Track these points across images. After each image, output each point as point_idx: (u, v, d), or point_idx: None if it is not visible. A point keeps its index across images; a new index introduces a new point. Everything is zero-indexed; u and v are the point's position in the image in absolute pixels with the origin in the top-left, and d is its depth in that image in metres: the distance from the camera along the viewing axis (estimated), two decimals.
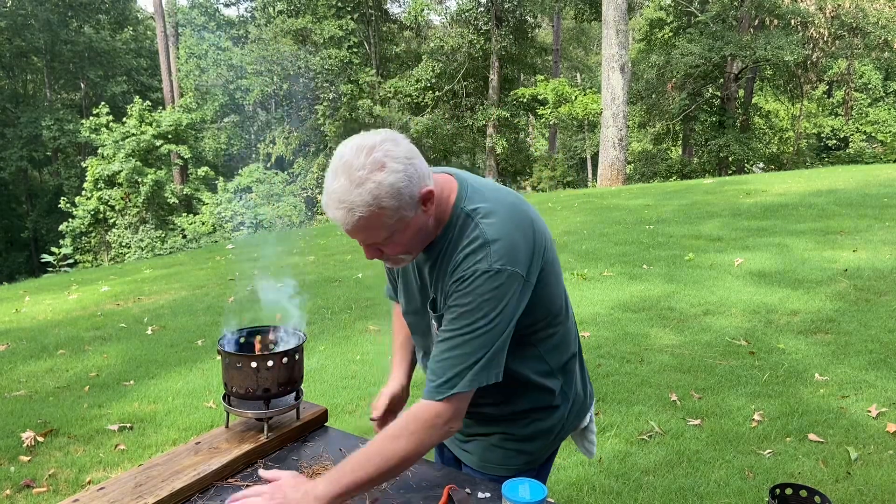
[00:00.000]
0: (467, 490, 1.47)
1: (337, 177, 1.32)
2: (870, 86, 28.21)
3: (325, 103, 23.93)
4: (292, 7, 24.70)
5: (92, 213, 21.56)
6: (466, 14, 24.44)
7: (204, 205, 22.80)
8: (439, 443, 1.50)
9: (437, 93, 24.04)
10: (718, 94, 23.96)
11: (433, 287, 1.52)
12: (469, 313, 1.38)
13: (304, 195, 24.77)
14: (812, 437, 3.47)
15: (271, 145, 26.87)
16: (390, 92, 23.59)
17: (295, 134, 26.26)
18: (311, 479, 1.45)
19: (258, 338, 1.81)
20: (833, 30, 20.47)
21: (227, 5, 31.94)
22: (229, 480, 1.56)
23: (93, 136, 22.05)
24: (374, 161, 1.31)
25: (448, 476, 1.57)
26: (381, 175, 1.31)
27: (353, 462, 1.38)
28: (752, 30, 21.44)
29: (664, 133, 25.16)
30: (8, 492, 3.25)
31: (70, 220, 21.87)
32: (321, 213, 25.05)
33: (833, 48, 21.49)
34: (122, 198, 21.37)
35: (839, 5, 19.79)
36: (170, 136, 22.33)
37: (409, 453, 1.39)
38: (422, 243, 1.47)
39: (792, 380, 4.17)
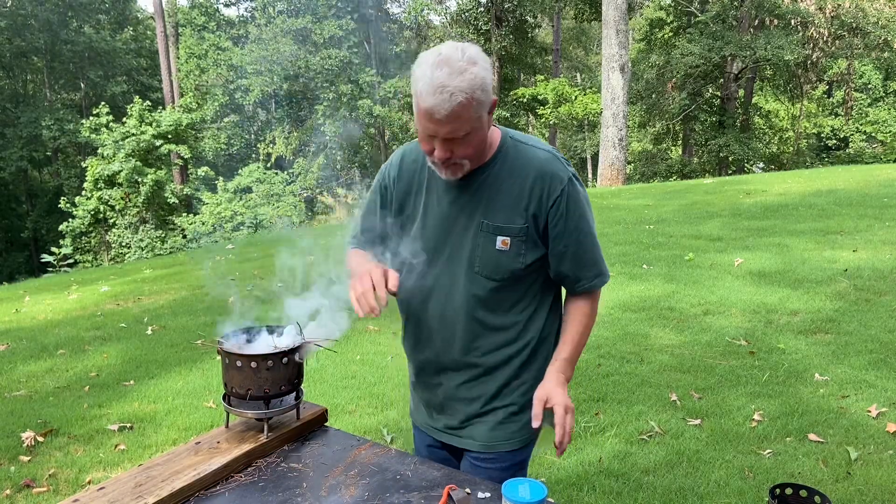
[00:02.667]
0: (467, 490, 1.47)
1: (440, 67, 1.46)
2: (870, 86, 28.17)
3: (325, 103, 23.93)
4: (292, 7, 24.71)
5: (92, 213, 21.52)
6: (466, 14, 24.44)
7: (204, 205, 22.77)
8: None
9: None
10: (718, 94, 23.94)
11: (483, 207, 1.65)
12: (583, 217, 1.67)
13: (304, 195, 24.75)
14: (812, 437, 3.47)
15: (271, 145, 26.87)
16: (390, 92, 23.59)
17: (295, 134, 26.26)
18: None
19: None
20: (833, 30, 20.47)
21: (227, 5, 31.92)
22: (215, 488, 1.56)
23: (93, 136, 22.01)
24: (470, 57, 1.48)
25: (448, 476, 1.57)
26: (476, 69, 1.48)
27: (578, 343, 1.72)
28: (752, 30, 21.43)
29: (664, 133, 25.15)
30: (8, 492, 3.25)
31: (70, 220, 21.83)
32: (321, 213, 25.06)
33: (833, 48, 21.49)
34: (122, 198, 21.34)
35: (839, 5, 19.79)
36: (170, 136, 22.29)
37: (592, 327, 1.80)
38: (479, 156, 1.62)
39: (792, 380, 4.18)
